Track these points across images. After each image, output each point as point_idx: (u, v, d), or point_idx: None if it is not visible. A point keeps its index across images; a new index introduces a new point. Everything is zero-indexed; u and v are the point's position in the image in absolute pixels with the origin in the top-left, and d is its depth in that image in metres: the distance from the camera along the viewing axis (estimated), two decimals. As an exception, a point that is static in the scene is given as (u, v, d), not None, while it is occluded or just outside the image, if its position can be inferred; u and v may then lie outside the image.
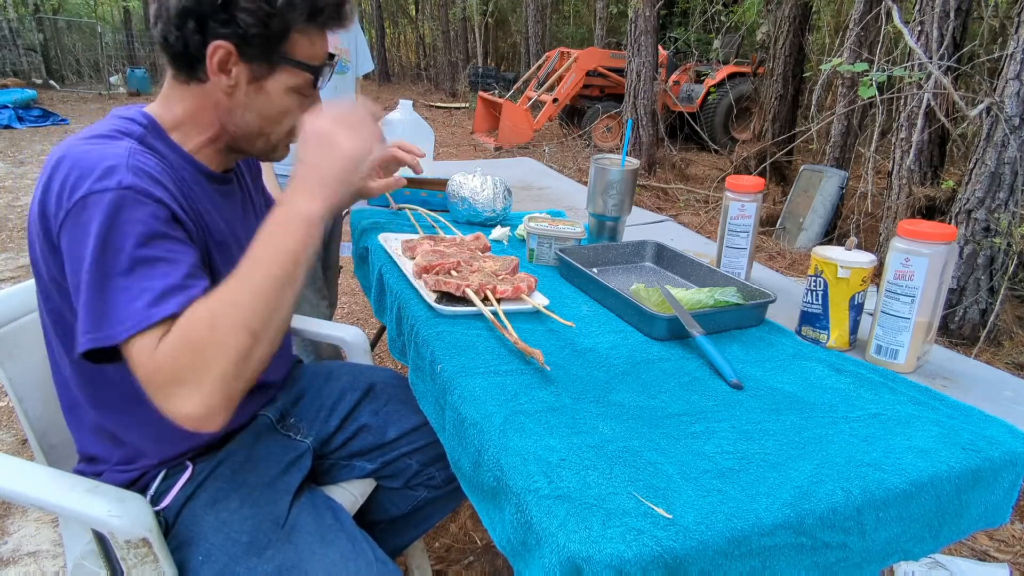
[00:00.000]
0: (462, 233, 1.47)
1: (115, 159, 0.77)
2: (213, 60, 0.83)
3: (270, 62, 0.86)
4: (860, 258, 1.06)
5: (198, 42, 0.83)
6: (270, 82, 0.87)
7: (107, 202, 0.74)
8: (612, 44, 9.96)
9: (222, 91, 0.87)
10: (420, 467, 1.23)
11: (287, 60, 0.86)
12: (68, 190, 0.75)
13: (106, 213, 0.74)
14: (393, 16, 18.91)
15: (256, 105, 0.89)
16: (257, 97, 0.88)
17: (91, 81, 13.25)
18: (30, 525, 1.79)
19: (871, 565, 0.75)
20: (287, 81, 0.88)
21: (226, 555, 0.89)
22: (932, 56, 3.32)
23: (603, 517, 0.65)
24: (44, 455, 1.05)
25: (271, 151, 0.96)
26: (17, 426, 2.24)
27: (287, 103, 0.90)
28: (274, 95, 0.89)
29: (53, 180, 0.77)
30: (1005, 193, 3.03)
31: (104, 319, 0.72)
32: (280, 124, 0.92)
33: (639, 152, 6.66)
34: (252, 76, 0.86)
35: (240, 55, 0.84)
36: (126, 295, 0.72)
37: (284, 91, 0.89)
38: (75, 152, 0.78)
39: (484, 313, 1.05)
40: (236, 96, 0.88)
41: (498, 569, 1.65)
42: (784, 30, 6.00)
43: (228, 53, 0.83)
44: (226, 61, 0.84)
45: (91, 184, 0.74)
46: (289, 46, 0.86)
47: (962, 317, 3.22)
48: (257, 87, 0.87)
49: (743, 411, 0.87)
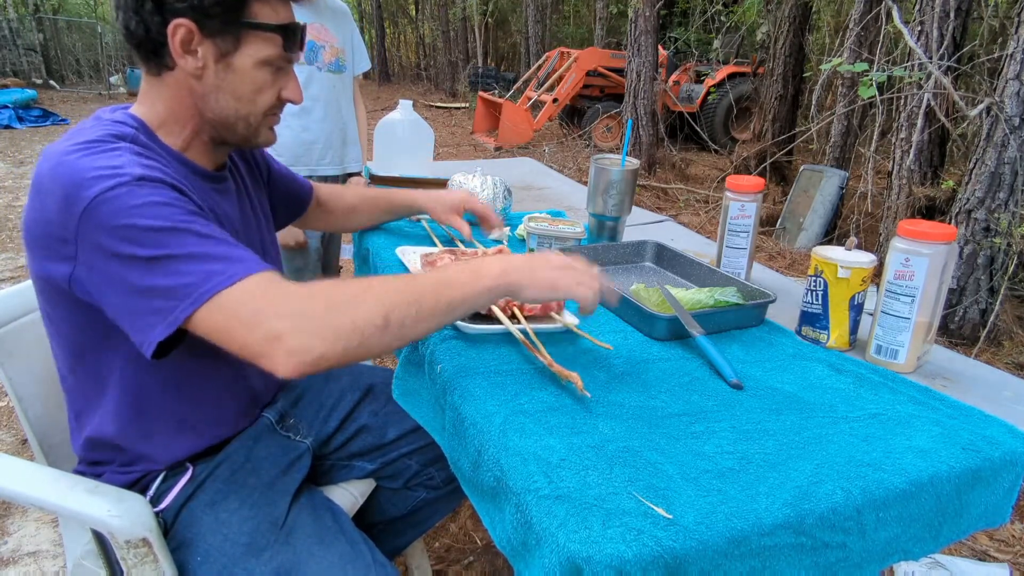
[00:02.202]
0: (484, 245, 1.42)
1: (118, 159, 0.76)
2: (175, 40, 0.82)
3: (234, 33, 0.84)
4: (860, 258, 1.06)
5: (159, 23, 0.82)
6: (238, 57, 0.86)
7: (128, 192, 0.73)
8: (612, 44, 9.96)
9: (191, 75, 0.85)
10: (420, 467, 1.23)
11: (250, 25, 0.85)
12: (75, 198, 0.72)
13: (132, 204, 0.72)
14: (393, 16, 18.91)
15: (228, 85, 0.87)
16: (228, 76, 0.87)
17: (91, 81, 13.25)
18: (30, 525, 1.79)
19: (871, 565, 0.75)
20: (256, 53, 0.86)
21: (225, 556, 0.89)
22: (932, 56, 3.32)
23: (603, 517, 0.65)
24: (44, 455, 1.04)
25: (254, 135, 0.94)
26: (17, 426, 2.24)
27: (260, 78, 0.88)
28: (245, 71, 0.87)
29: (50, 191, 0.75)
30: (1005, 193, 3.03)
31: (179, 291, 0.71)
32: (256, 103, 0.90)
33: (639, 152, 6.66)
34: (219, 53, 0.85)
35: (202, 31, 0.83)
36: (195, 262, 0.72)
37: (255, 65, 0.87)
38: (71, 160, 0.75)
39: (513, 332, 1.01)
40: (206, 78, 0.86)
41: (498, 569, 1.65)
42: (784, 30, 6.00)
43: (189, 31, 0.82)
44: (189, 40, 0.83)
45: (101, 187, 0.72)
46: (250, 13, 0.85)
47: (962, 317, 3.22)
48: (226, 65, 0.86)
49: (743, 411, 0.87)
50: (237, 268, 0.73)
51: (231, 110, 0.89)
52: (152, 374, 0.90)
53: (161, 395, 0.92)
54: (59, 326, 0.88)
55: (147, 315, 0.73)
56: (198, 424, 0.98)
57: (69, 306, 0.83)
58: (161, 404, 0.92)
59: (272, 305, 0.71)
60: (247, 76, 0.87)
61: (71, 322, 0.86)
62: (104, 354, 0.87)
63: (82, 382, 0.91)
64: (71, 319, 0.85)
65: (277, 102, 0.93)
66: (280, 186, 1.21)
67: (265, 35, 0.86)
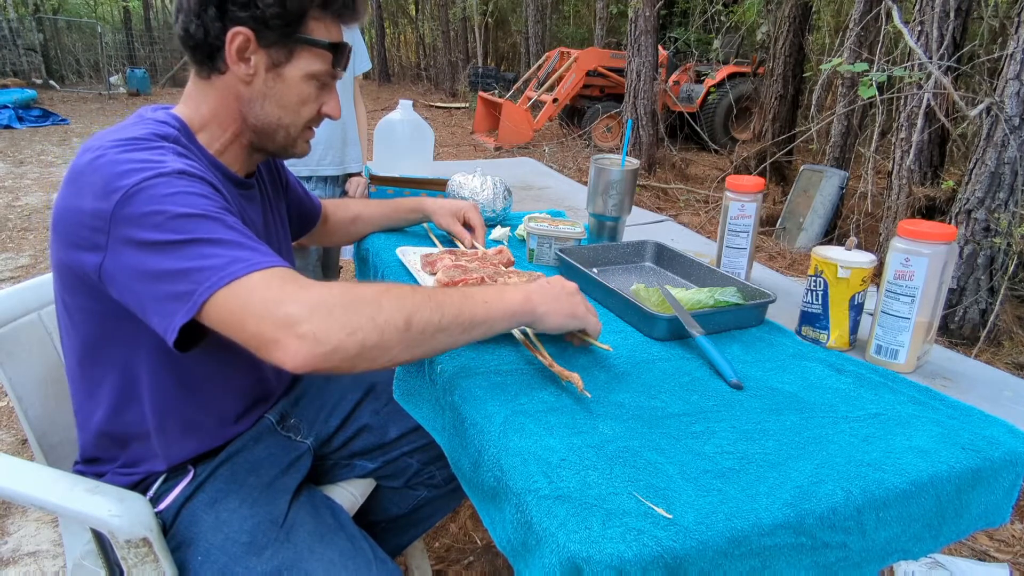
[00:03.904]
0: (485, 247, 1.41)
1: (160, 156, 0.78)
2: (232, 47, 0.85)
3: (288, 46, 0.88)
4: (860, 258, 1.06)
5: (218, 29, 0.85)
6: (288, 68, 0.89)
7: (166, 182, 0.74)
8: (612, 44, 9.96)
9: (241, 80, 0.88)
10: (421, 466, 1.23)
11: (304, 40, 0.88)
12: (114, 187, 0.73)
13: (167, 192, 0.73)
14: (393, 16, 18.91)
15: (275, 93, 0.90)
16: (276, 85, 0.90)
17: (91, 81, 13.26)
18: (30, 525, 1.79)
19: (871, 565, 0.75)
20: (305, 67, 0.90)
21: (225, 555, 0.89)
22: (932, 56, 3.32)
23: (603, 517, 0.65)
24: (44, 455, 1.05)
25: (291, 145, 0.97)
26: (17, 426, 2.24)
27: (305, 91, 0.92)
28: (292, 82, 0.90)
29: (88, 178, 0.75)
30: (1005, 193, 3.03)
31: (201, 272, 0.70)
32: (299, 114, 0.93)
33: (639, 152, 6.66)
34: (271, 63, 0.88)
35: (259, 40, 0.86)
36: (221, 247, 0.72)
37: (302, 78, 0.90)
38: (113, 153, 0.76)
39: (513, 333, 1.01)
40: (255, 85, 0.89)
41: (498, 569, 1.65)
42: (784, 30, 6.01)
43: (247, 40, 0.85)
44: (245, 48, 0.86)
45: (141, 177, 0.73)
46: (306, 29, 0.88)
47: (962, 317, 3.22)
48: (276, 75, 0.89)
49: (743, 411, 0.87)
50: (260, 259, 0.72)
51: (274, 118, 0.92)
52: (163, 373, 0.90)
53: (170, 395, 0.92)
54: (74, 316, 0.88)
55: (170, 300, 0.71)
56: (204, 425, 0.98)
57: (89, 296, 0.83)
58: (170, 403, 0.93)
59: (290, 294, 0.70)
60: (294, 87, 0.91)
61: (88, 313, 0.86)
62: (116, 349, 0.88)
63: (90, 376, 0.91)
64: (88, 310, 0.86)
65: (317, 116, 0.96)
66: (294, 199, 1.23)
67: (317, 51, 0.90)
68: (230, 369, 0.98)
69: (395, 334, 0.72)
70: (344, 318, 0.69)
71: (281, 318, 0.68)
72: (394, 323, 0.71)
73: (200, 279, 0.70)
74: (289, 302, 0.69)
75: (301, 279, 0.73)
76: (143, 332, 0.82)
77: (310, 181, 1.94)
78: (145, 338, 0.85)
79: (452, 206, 1.36)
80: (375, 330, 0.70)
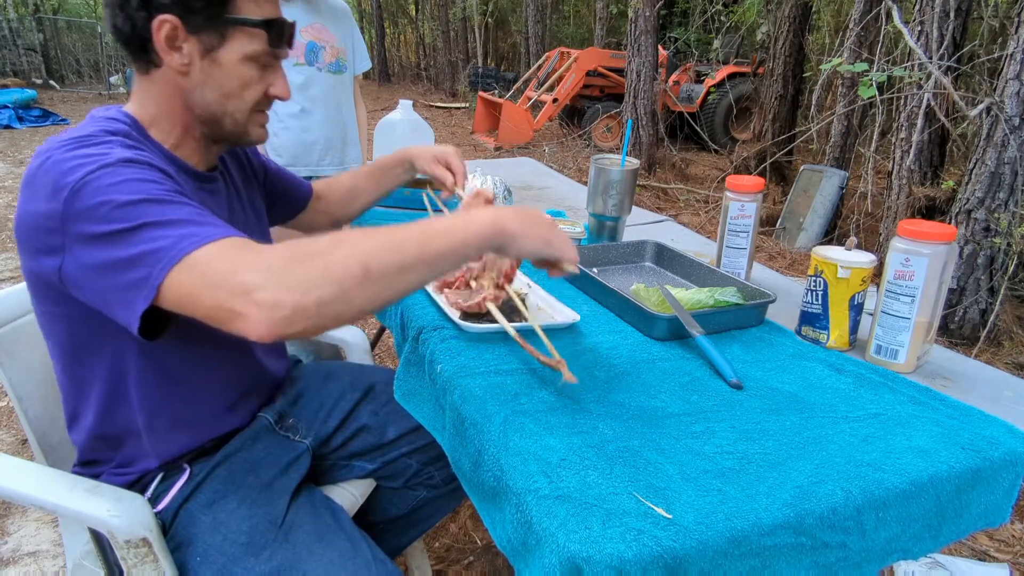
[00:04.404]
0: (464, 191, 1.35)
1: (107, 149, 0.76)
2: (160, 36, 0.82)
3: (218, 29, 0.84)
4: (860, 258, 1.06)
5: (143, 19, 0.82)
6: (223, 52, 0.86)
7: (112, 171, 0.72)
8: (612, 44, 9.96)
9: (178, 72, 0.85)
10: (420, 467, 1.23)
11: (234, 21, 0.85)
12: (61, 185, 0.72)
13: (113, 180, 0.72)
14: (393, 16, 18.90)
15: (214, 80, 0.87)
16: (213, 71, 0.86)
17: (91, 81, 13.25)
18: (30, 525, 1.79)
19: (871, 565, 0.75)
20: (241, 49, 0.86)
21: (224, 555, 0.89)
22: (932, 56, 3.32)
23: (603, 517, 0.65)
24: (44, 455, 1.04)
25: (243, 133, 0.94)
26: (17, 426, 2.24)
27: (246, 74, 0.88)
28: (230, 67, 0.87)
29: (39, 181, 0.75)
30: (1005, 193, 3.03)
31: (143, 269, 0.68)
32: (243, 99, 0.90)
33: (639, 152, 6.66)
34: (204, 49, 0.85)
35: (186, 26, 0.83)
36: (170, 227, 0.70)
37: (239, 61, 0.87)
38: (59, 153, 0.75)
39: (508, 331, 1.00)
40: (192, 74, 0.86)
41: (498, 569, 1.65)
42: (784, 30, 6.00)
43: (174, 27, 0.82)
44: (174, 36, 0.83)
45: (86, 171, 0.72)
46: (234, 9, 0.85)
47: (962, 317, 3.22)
48: (211, 60, 0.86)
49: (743, 411, 0.87)
50: (211, 231, 0.70)
51: (217, 106, 0.89)
52: (147, 370, 0.90)
53: (155, 391, 0.92)
54: (52, 325, 0.87)
55: (129, 289, 0.70)
56: (195, 419, 0.98)
57: (61, 303, 0.83)
58: (157, 400, 0.92)
59: (241, 262, 0.67)
60: (233, 72, 0.87)
61: (64, 319, 0.86)
62: (97, 351, 0.87)
63: (77, 380, 0.91)
64: (64, 316, 0.85)
65: (264, 98, 0.93)
66: (278, 184, 1.22)
67: (249, 30, 0.86)
68: (214, 360, 0.97)
69: (354, 284, 0.67)
70: (297, 277, 0.65)
71: (236, 287, 0.65)
72: (351, 273, 0.67)
73: (153, 262, 0.68)
74: (242, 270, 0.66)
75: (254, 245, 0.70)
76: (118, 331, 0.82)
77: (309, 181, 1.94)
78: (123, 337, 0.85)
79: (434, 150, 1.30)
80: (332, 283, 0.66)
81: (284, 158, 1.86)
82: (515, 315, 1.08)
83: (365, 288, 0.68)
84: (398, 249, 0.70)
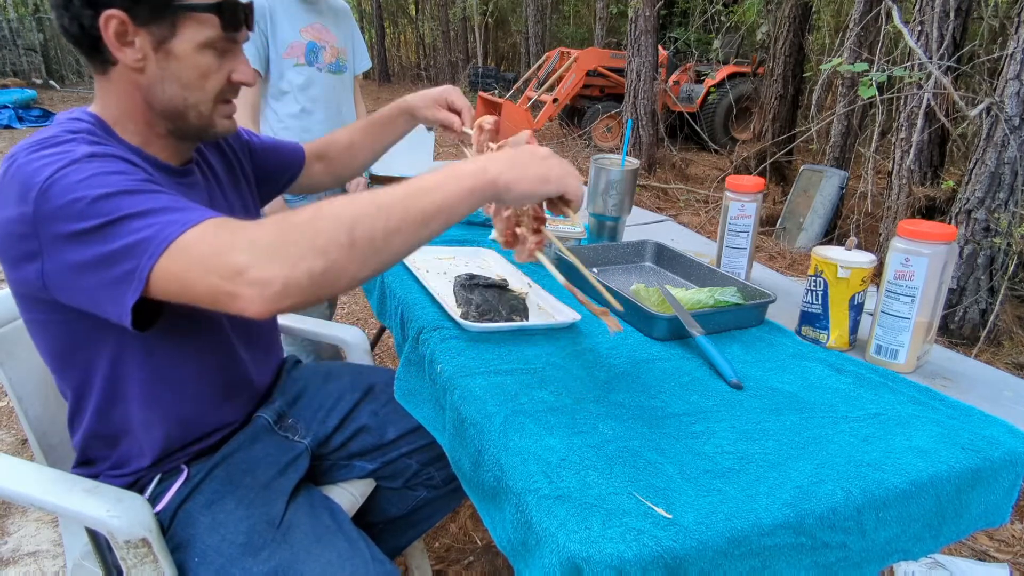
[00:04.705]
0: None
1: (70, 147, 0.75)
2: (109, 33, 0.79)
3: (167, 18, 0.81)
4: (860, 258, 1.06)
5: (90, 17, 0.79)
6: (176, 43, 0.83)
7: (78, 168, 0.71)
8: (612, 44, 9.95)
9: (132, 68, 0.83)
10: (420, 467, 1.23)
11: (182, 7, 0.81)
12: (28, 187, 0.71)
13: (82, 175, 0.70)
14: (393, 16, 18.90)
15: (171, 74, 0.84)
16: (169, 64, 0.83)
17: (91, 81, 13.22)
18: (30, 525, 1.79)
19: (871, 565, 0.75)
20: (194, 37, 0.83)
21: (222, 556, 0.89)
22: (932, 56, 3.32)
23: (603, 517, 0.65)
24: (44, 455, 1.05)
25: (209, 124, 0.90)
26: (17, 426, 2.24)
27: (203, 63, 0.85)
28: (185, 57, 0.84)
29: (7, 186, 0.74)
30: (1005, 193, 3.03)
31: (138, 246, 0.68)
32: (203, 90, 0.87)
33: (639, 152, 6.66)
34: (156, 41, 0.82)
35: (134, 20, 0.80)
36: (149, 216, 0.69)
37: (195, 50, 0.84)
38: (23, 157, 0.74)
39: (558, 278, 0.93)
40: (148, 69, 0.83)
41: (498, 569, 1.65)
42: (784, 30, 6.00)
43: (122, 22, 0.79)
44: (123, 32, 0.80)
45: (54, 170, 0.71)
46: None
47: (962, 317, 3.22)
48: (165, 53, 0.83)
49: (743, 411, 0.87)
50: (190, 216, 0.69)
51: (179, 99, 0.86)
52: (137, 369, 0.89)
53: (146, 389, 0.91)
54: (42, 332, 0.87)
55: (116, 284, 0.69)
56: (187, 414, 0.97)
57: (44, 310, 0.82)
58: (148, 396, 0.92)
59: (227, 242, 0.67)
60: (190, 62, 0.84)
61: (53, 325, 0.85)
62: (88, 353, 0.87)
63: (71, 384, 0.91)
64: (52, 322, 0.84)
65: (228, 86, 0.89)
66: (269, 157, 1.19)
67: (200, 16, 0.83)
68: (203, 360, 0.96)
69: (342, 252, 0.66)
70: (284, 252, 0.65)
71: (226, 269, 0.65)
72: (337, 242, 0.66)
73: (138, 253, 0.68)
74: (228, 251, 0.66)
75: (234, 223, 0.69)
76: (106, 330, 0.82)
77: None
78: (111, 336, 0.85)
79: (432, 93, 1.23)
80: (319, 255, 0.65)
81: (284, 158, 1.86)
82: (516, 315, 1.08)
83: (353, 254, 0.67)
84: (383, 214, 0.69)
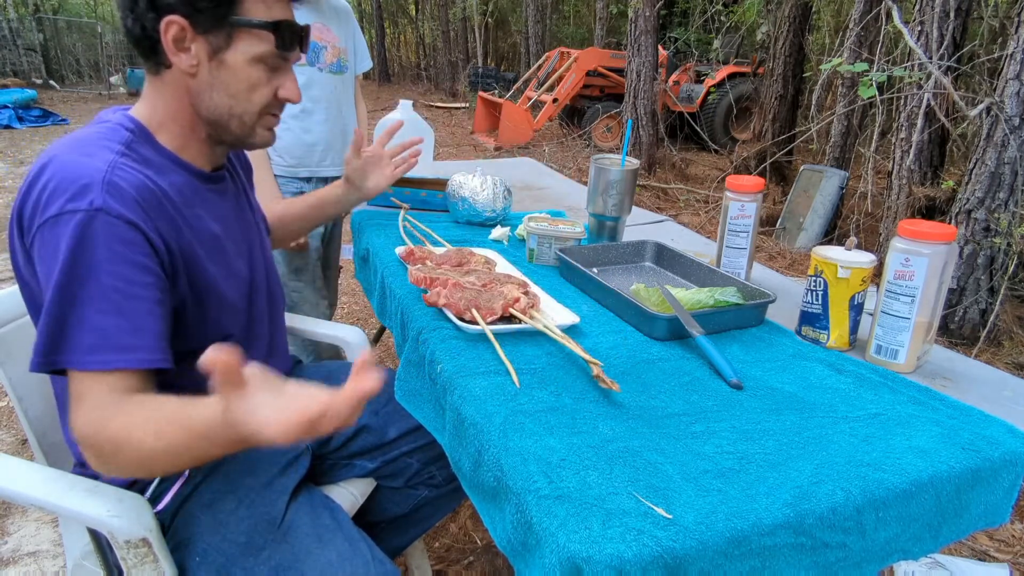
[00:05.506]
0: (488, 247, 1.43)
1: (93, 175, 0.77)
2: (168, 37, 0.83)
3: (225, 30, 0.85)
4: (860, 258, 1.06)
5: (152, 20, 0.83)
6: (231, 54, 0.86)
7: (77, 223, 0.75)
8: (612, 44, 9.96)
9: (186, 72, 0.86)
10: (421, 466, 1.23)
11: (241, 22, 0.85)
12: (43, 204, 0.77)
13: (75, 235, 0.75)
14: (393, 16, 18.90)
15: (221, 82, 0.87)
16: (221, 73, 0.87)
17: (91, 81, 13.25)
18: (30, 525, 1.79)
19: (871, 565, 0.75)
20: (248, 50, 0.87)
21: (222, 556, 0.89)
22: (932, 56, 3.32)
23: (603, 517, 0.65)
24: (44, 455, 1.05)
25: (248, 135, 0.94)
26: (17, 426, 2.24)
27: (253, 76, 0.88)
28: (238, 68, 0.87)
29: (34, 187, 0.78)
30: (1005, 193, 3.03)
31: (59, 344, 0.76)
32: (250, 101, 0.90)
33: (639, 152, 6.66)
34: (211, 50, 0.85)
35: (194, 27, 0.83)
36: (79, 329, 0.75)
37: (248, 62, 0.87)
38: (58, 161, 0.79)
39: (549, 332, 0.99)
40: (200, 75, 0.87)
41: (498, 569, 1.65)
42: (784, 30, 6.00)
43: (182, 28, 0.83)
44: (182, 38, 0.84)
45: (63, 203, 0.76)
46: (241, 10, 0.85)
47: (962, 317, 3.22)
48: (219, 62, 0.86)
49: (743, 411, 0.87)
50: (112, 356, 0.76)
51: (225, 108, 0.89)
52: None
53: None
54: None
55: (44, 335, 0.76)
56: None
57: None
58: None
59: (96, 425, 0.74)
60: (240, 73, 0.88)
61: None
62: None
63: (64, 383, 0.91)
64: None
65: (274, 101, 0.93)
66: None
67: (257, 32, 0.87)
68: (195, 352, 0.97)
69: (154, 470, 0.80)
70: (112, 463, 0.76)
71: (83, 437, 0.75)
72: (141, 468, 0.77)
73: (65, 348, 0.76)
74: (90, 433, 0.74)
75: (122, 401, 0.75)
76: None
77: (310, 182, 1.93)
78: None
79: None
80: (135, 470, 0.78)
81: (285, 159, 1.86)
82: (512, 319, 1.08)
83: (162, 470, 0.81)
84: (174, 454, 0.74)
